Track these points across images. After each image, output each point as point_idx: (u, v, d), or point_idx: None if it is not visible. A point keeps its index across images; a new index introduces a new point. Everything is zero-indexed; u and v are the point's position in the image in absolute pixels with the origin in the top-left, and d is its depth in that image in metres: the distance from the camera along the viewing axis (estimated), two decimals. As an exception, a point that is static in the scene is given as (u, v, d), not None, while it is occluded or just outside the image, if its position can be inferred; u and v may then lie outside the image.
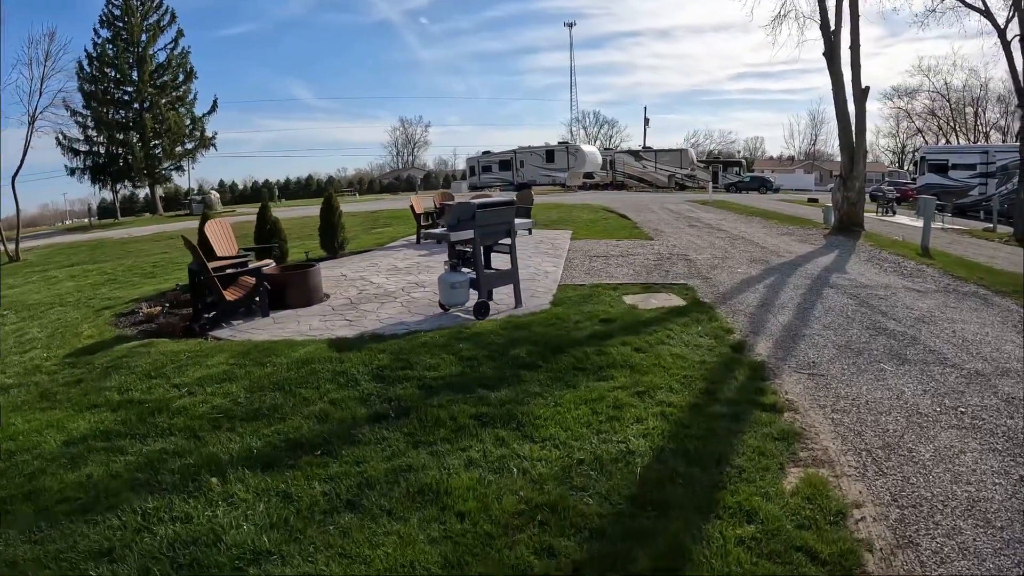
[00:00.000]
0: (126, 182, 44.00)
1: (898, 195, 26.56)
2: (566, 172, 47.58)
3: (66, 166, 41.54)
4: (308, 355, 5.70)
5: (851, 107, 15.56)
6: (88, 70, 40.75)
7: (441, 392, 4.78)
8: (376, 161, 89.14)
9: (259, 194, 56.83)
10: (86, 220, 48.06)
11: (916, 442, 4.11)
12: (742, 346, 5.96)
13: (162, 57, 43.24)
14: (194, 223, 26.33)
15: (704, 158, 60.16)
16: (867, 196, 18.44)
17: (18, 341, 7.55)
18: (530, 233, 14.16)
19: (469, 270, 7.21)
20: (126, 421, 4.63)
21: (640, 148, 53.74)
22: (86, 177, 41.93)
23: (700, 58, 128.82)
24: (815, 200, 28.39)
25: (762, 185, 43.61)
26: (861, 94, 15.39)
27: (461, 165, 61.58)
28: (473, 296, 7.17)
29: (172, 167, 44.95)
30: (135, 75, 41.52)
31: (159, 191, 45.93)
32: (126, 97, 42.40)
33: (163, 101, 42.17)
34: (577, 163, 48.17)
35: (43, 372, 6.06)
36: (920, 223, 13.30)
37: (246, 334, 6.78)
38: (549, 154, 49.38)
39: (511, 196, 7.85)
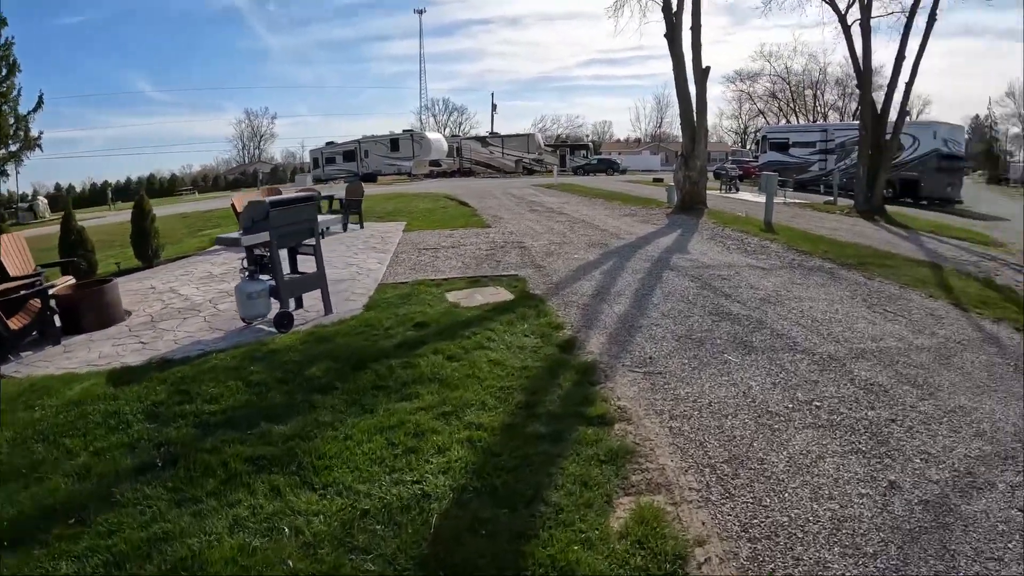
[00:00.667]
0: None
1: (741, 172, 27.81)
2: (412, 161, 46.64)
3: None
4: (83, 393, 4.90)
5: (692, 87, 15.76)
6: None
7: (218, 430, 4.08)
8: (222, 156, 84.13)
9: (102, 196, 50.69)
10: None
11: (768, 450, 3.55)
12: (572, 344, 5.37)
13: None
14: (31, 231, 23.24)
15: (552, 142, 61.17)
16: (711, 175, 18.83)
17: None
18: (362, 227, 13.55)
19: (269, 277, 6.31)
20: None
21: (487, 134, 53.65)
22: None
23: (550, 45, 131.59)
24: (660, 180, 29.40)
25: (609, 167, 45.11)
26: (702, 74, 15.64)
27: (308, 157, 58.71)
28: (276, 307, 6.31)
29: None
30: None
31: None
32: None
33: None
34: (423, 151, 47.39)
35: None
36: (763, 199, 13.42)
37: (30, 368, 5.91)
38: (394, 143, 48.27)
39: (312, 191, 6.65)
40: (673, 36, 16.02)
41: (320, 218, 8.13)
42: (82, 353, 6.20)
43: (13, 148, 39.06)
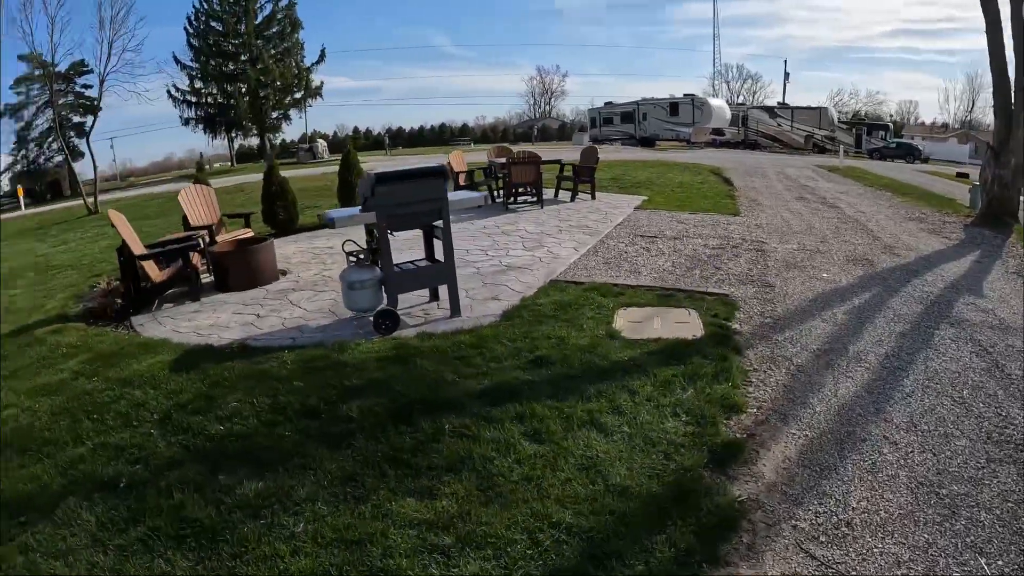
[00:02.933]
0: (235, 132, 45.40)
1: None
2: (691, 127, 43.12)
3: (180, 117, 44.12)
4: (143, 371, 4.68)
5: (1010, 54, 10.92)
6: (196, 24, 42.51)
7: (191, 466, 3.34)
8: (515, 110, 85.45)
9: (379, 143, 58.45)
10: (206, 167, 50.90)
11: None
12: (734, 453, 3.39)
13: (268, 9, 43.86)
14: (296, 172, 26.92)
15: (847, 119, 52.58)
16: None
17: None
18: (593, 198, 11.86)
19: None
20: None
21: (776, 105, 47.64)
22: (200, 127, 43.84)
23: (852, 11, 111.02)
24: (964, 175, 22.59)
25: (909, 153, 36.78)
26: (1024, 39, 10.73)
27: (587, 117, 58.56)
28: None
29: (280, 117, 45.72)
30: (242, 28, 42.13)
31: (269, 140, 47.83)
32: (232, 49, 43.39)
33: (272, 52, 42.73)
34: (703, 117, 43.51)
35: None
36: None
37: (154, 324, 6.01)
38: (673, 107, 45.07)
39: (439, 164, 5.28)
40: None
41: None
42: (201, 317, 6.09)
43: (297, 95, 45.16)
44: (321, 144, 43.74)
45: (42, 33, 30.33)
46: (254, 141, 49.80)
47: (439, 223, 5.29)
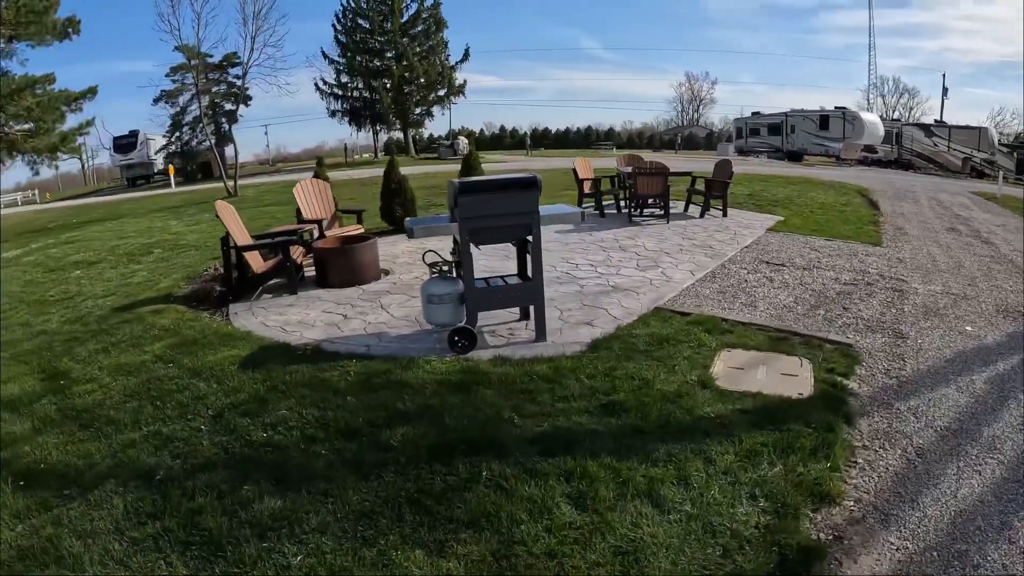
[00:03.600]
0: (379, 126, 47.57)
1: None
2: (841, 143, 40.01)
3: (327, 109, 46.79)
4: (216, 362, 4.82)
5: None
6: (343, 21, 45.07)
7: (217, 472, 3.32)
8: (663, 116, 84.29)
9: (521, 142, 59.36)
10: (355, 157, 53.92)
11: None
12: (811, 560, 2.74)
13: (413, 9, 45.65)
14: (435, 168, 27.72)
15: (1009, 141, 46.56)
16: None
17: (121, 283, 8.07)
18: (724, 215, 10.92)
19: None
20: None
21: (933, 122, 43.03)
22: (345, 120, 46.93)
23: (1017, 24, 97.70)
24: None
25: None
26: None
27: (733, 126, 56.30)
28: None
29: (423, 113, 47.44)
30: (388, 25, 44.38)
31: (412, 135, 49.90)
32: (377, 46, 45.65)
33: (417, 50, 44.49)
34: (854, 133, 39.96)
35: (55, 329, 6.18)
36: None
37: (247, 314, 6.23)
38: (823, 120, 41.83)
39: (531, 175, 4.91)
40: None
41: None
42: (292, 311, 6.22)
43: (440, 93, 46.49)
44: (463, 141, 44.69)
45: (188, 29, 33.92)
46: (397, 135, 52.05)
47: (531, 237, 4.95)
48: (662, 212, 10.63)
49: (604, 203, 11.87)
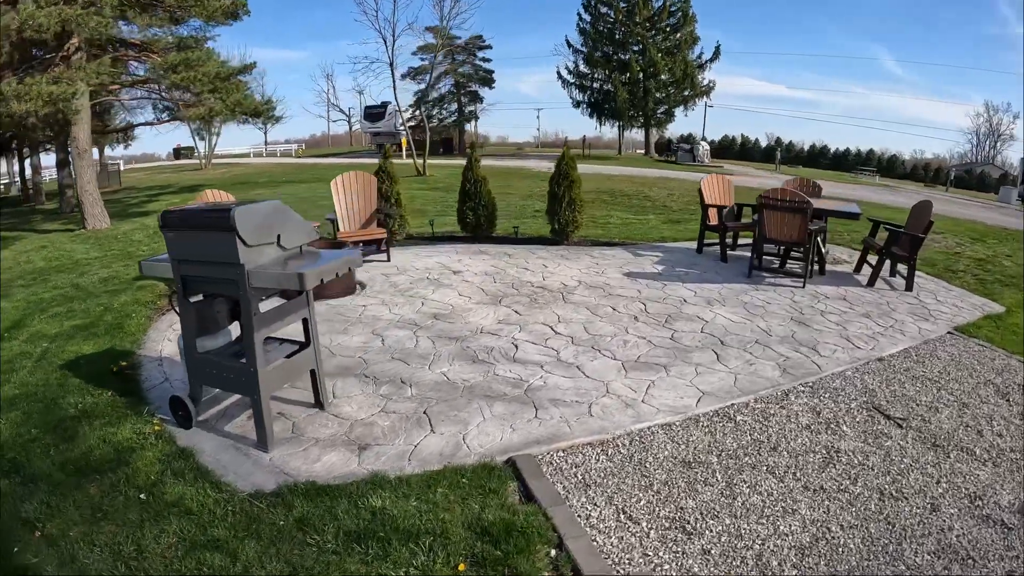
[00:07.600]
0: (620, 121, 44.64)
1: None
2: None
3: (571, 99, 45.19)
4: None
5: None
6: (589, 10, 42.49)
7: None
8: (957, 149, 71.48)
9: (770, 155, 51.39)
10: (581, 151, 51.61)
11: None
12: None
13: (659, 2, 41.34)
14: (669, 172, 24.79)
15: None
16: None
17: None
18: (909, 289, 6.83)
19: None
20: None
21: None
22: (588, 112, 45.20)
23: None
24: None
25: None
26: None
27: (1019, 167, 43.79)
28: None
29: (665, 113, 43.34)
30: (635, 18, 40.75)
31: (656, 136, 46.48)
32: (620, 38, 42.32)
33: (664, 46, 40.29)
34: None
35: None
36: None
37: None
38: None
39: (227, 206, 2.90)
40: None
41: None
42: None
43: (686, 92, 41.57)
44: (703, 147, 40.48)
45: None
46: (637, 135, 49.20)
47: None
48: (801, 269, 7.40)
49: (741, 241, 8.86)
